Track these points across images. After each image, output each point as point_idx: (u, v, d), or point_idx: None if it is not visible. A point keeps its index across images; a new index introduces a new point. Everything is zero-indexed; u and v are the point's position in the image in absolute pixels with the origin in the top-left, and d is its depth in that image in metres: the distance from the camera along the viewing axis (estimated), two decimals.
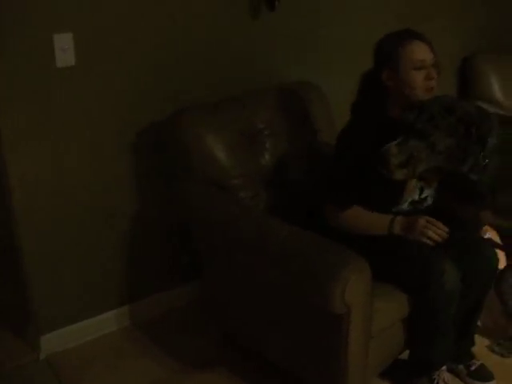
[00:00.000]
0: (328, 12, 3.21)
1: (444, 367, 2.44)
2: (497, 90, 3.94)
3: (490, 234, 2.97)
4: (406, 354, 2.45)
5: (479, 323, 2.63)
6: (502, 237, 2.83)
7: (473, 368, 2.55)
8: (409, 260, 2.26)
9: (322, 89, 2.94)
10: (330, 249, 2.11)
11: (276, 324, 2.39)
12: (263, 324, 2.46)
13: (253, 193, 2.60)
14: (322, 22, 3.19)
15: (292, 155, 2.72)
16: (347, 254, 2.06)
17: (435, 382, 2.41)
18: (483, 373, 2.55)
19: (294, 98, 2.81)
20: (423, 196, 2.43)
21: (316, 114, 2.83)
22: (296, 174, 2.71)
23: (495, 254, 2.42)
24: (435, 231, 2.24)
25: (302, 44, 3.15)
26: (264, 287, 2.37)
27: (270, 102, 2.74)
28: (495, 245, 2.81)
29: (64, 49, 2.41)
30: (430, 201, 2.47)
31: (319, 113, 2.84)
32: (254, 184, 2.61)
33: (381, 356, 2.34)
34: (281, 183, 2.67)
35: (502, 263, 2.64)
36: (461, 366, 2.57)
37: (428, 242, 2.25)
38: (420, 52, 2.26)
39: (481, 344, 2.69)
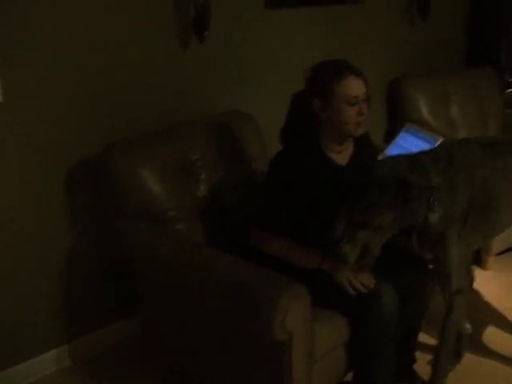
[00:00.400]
0: (256, 42, 3.26)
1: None
2: (425, 112, 4.03)
3: None
4: (350, 376, 2.47)
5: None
6: None
7: None
8: None
9: (252, 117, 2.97)
10: (269, 278, 2.11)
11: (220, 354, 2.37)
12: (207, 354, 2.44)
13: (189, 224, 2.59)
14: (251, 51, 3.24)
15: (227, 185, 2.72)
16: (286, 282, 2.06)
17: None
18: None
19: (226, 128, 2.83)
20: None
21: (248, 141, 2.85)
22: (232, 203, 2.71)
23: (429, 277, 2.47)
24: (356, 285, 2.23)
25: (232, 73, 3.19)
26: (206, 318, 2.36)
27: (201, 133, 2.75)
28: None
29: None
30: None
31: (251, 140, 2.87)
32: (190, 216, 2.60)
33: (325, 380, 2.35)
34: (217, 213, 2.67)
35: None
36: None
37: (350, 290, 2.23)
38: (355, 88, 2.26)
39: (422, 360, 2.72)
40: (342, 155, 2.40)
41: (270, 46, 3.34)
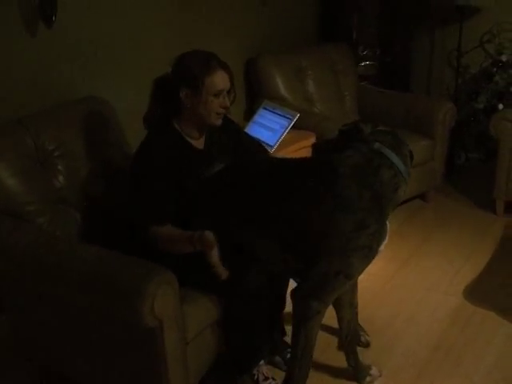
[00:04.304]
0: (108, 25, 3.18)
1: (262, 362, 2.53)
2: (282, 88, 4.13)
3: None
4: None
5: None
6: None
7: (288, 356, 2.65)
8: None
9: (109, 102, 2.91)
10: (135, 264, 2.09)
11: (94, 349, 2.34)
12: (80, 351, 2.39)
13: (50, 217, 2.50)
14: (103, 35, 3.16)
15: (87, 173, 2.66)
16: (152, 268, 2.04)
17: (255, 377, 2.50)
18: None
19: (82, 115, 2.74)
20: None
21: (106, 128, 2.80)
22: (93, 192, 2.65)
23: None
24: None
25: (85, 58, 3.09)
26: (75, 313, 2.31)
27: (56, 122, 2.66)
28: None
29: None
30: None
31: (109, 127, 2.82)
32: (50, 209, 2.51)
33: (200, 361, 2.36)
34: (78, 204, 2.61)
35: None
36: (277, 357, 2.68)
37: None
38: (221, 82, 2.37)
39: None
40: (199, 141, 2.51)
41: (124, 29, 3.27)
